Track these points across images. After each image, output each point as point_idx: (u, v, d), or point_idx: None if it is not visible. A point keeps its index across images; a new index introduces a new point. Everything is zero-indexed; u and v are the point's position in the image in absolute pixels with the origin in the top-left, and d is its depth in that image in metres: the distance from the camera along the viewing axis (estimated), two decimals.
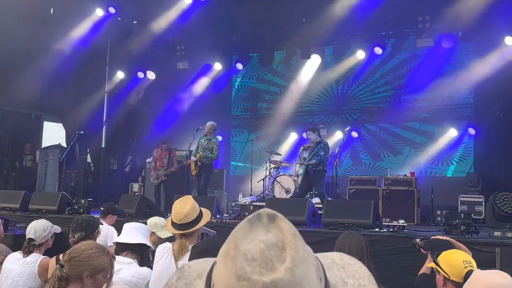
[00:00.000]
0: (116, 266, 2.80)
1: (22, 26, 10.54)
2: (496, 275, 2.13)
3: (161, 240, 3.98)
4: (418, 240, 3.88)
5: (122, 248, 3.46)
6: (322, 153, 8.34)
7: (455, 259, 2.75)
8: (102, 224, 5.06)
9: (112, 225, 5.68)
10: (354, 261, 0.99)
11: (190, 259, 2.53)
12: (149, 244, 3.57)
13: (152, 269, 3.38)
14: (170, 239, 3.63)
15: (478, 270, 2.35)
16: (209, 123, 9.44)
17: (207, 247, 2.53)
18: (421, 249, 3.72)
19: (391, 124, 12.04)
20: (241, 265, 0.79)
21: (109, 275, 2.51)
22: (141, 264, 3.42)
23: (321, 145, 8.45)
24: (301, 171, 8.44)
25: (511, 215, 7.86)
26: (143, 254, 3.50)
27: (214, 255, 2.87)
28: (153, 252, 3.69)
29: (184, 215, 3.23)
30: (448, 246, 3.29)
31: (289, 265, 0.79)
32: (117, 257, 3.10)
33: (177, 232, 3.26)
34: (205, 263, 0.98)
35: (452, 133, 11.16)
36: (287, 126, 13.32)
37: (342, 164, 11.59)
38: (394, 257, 5.36)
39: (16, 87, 11.52)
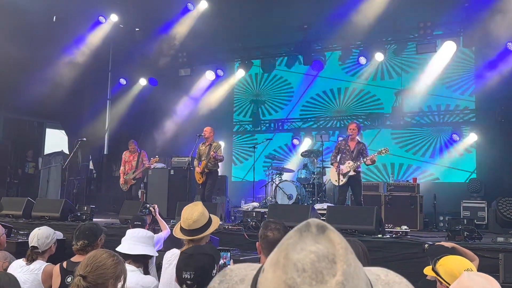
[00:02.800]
0: None
1: (24, 33, 10.59)
2: (484, 279, 2.09)
3: None
4: (426, 245, 3.82)
5: (124, 257, 3.46)
6: (368, 154, 8.16)
7: (456, 268, 2.59)
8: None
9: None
10: (399, 278, 0.98)
11: (177, 264, 2.54)
12: (151, 253, 3.56)
13: (157, 277, 3.37)
14: None
15: (465, 272, 2.28)
16: (209, 128, 9.20)
17: (193, 252, 2.55)
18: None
19: (393, 129, 12.03)
20: (291, 275, 0.78)
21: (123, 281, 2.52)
22: (145, 273, 3.42)
23: (364, 146, 8.28)
24: (351, 172, 7.99)
25: None
26: (146, 264, 3.50)
27: (199, 259, 2.86)
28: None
29: (193, 221, 3.24)
30: (453, 253, 3.22)
31: (340, 279, 0.78)
32: None
33: (185, 237, 3.27)
34: (247, 268, 0.98)
35: (454, 138, 11.15)
36: (288, 132, 13.36)
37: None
38: (398, 263, 5.30)
39: (18, 94, 11.55)
